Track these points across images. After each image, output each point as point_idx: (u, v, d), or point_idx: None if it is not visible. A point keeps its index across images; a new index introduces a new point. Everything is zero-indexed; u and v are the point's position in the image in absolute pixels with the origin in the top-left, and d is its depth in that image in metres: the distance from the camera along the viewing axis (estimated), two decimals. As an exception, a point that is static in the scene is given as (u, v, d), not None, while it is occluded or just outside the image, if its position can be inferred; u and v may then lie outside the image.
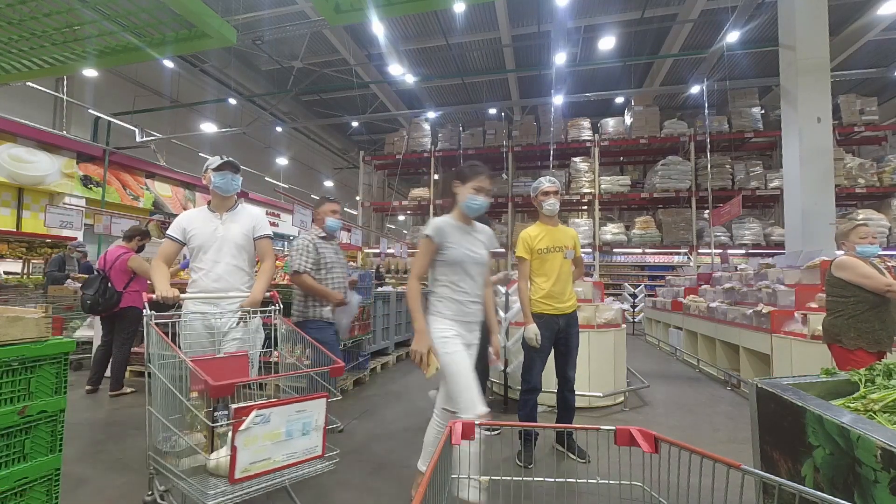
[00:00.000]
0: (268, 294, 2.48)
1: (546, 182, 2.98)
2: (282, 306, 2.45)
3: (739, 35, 8.67)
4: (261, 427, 1.46)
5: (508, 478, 1.44)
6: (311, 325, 3.03)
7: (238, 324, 2.37)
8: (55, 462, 1.60)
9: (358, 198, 15.79)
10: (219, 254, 2.47)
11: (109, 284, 4.17)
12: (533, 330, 2.82)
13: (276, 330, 2.46)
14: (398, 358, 6.28)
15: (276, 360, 2.56)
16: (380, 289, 6.40)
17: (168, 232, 2.51)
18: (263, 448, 1.48)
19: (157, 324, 2.02)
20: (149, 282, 5.06)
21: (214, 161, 2.51)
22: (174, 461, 1.86)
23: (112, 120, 11.26)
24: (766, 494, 0.80)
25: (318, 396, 1.67)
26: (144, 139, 11.57)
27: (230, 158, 2.51)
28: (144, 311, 2.07)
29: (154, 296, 2.21)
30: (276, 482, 1.66)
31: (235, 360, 2.15)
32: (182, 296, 2.34)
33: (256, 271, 2.65)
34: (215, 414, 1.84)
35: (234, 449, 1.43)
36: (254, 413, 1.45)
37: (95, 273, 4.30)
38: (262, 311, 2.43)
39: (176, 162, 13.21)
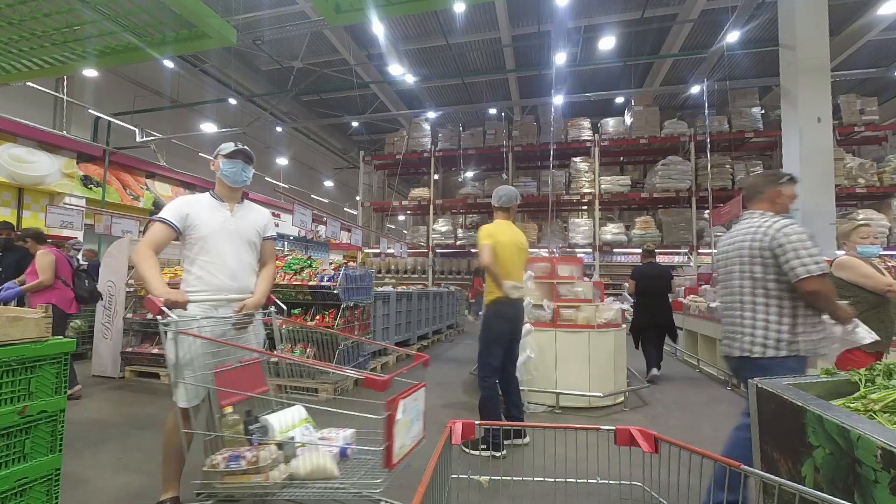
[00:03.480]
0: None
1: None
2: (284, 308, 2.39)
3: (739, 35, 8.67)
4: (401, 415, 1.59)
5: (508, 478, 1.44)
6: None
7: (246, 327, 2.19)
8: (55, 462, 1.60)
9: (358, 198, 15.80)
10: (231, 248, 2.18)
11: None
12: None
13: (275, 331, 2.41)
14: (398, 358, 6.28)
15: (274, 360, 2.53)
16: (380, 289, 6.41)
17: (162, 215, 2.09)
18: (400, 434, 1.61)
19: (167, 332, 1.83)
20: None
21: (227, 147, 2.23)
22: (252, 478, 1.68)
23: (112, 120, 11.27)
24: (766, 494, 0.80)
25: (422, 385, 1.79)
26: (144, 139, 11.58)
27: (244, 147, 2.25)
28: (166, 317, 1.81)
29: (160, 299, 1.83)
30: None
31: (252, 368, 2.04)
32: (195, 299, 2.05)
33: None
34: (249, 428, 1.79)
35: (391, 437, 1.53)
36: (401, 403, 1.58)
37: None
38: (262, 313, 2.32)
39: (176, 162, 13.21)
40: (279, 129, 15.28)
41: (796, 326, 1.94)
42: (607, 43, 10.51)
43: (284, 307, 2.42)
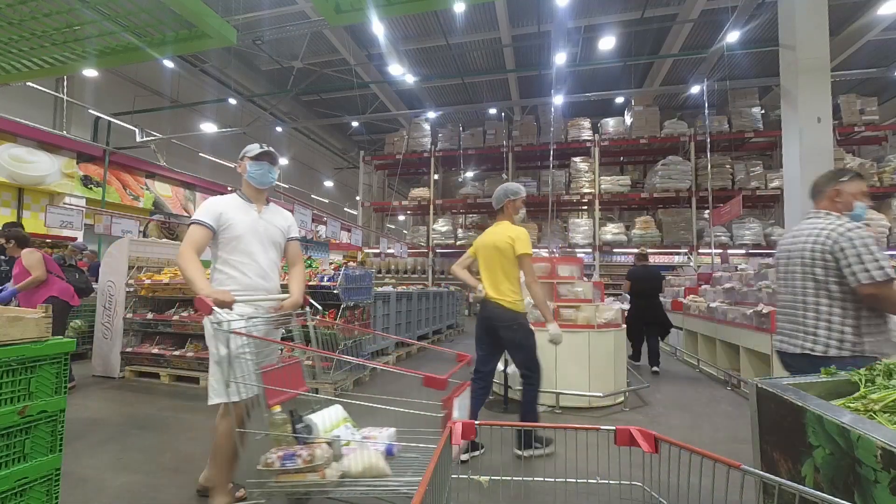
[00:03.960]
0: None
1: (524, 190, 3.12)
2: (319, 307, 2.37)
3: (739, 35, 8.67)
4: (456, 413, 1.64)
5: (508, 478, 1.44)
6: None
7: (279, 327, 2.21)
8: (55, 462, 1.60)
9: (358, 198, 15.80)
10: (260, 248, 2.21)
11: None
12: (558, 328, 2.91)
13: (311, 331, 2.32)
14: (398, 358, 6.28)
15: (309, 362, 2.47)
16: (380, 289, 6.41)
17: (198, 217, 2.12)
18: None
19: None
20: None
21: (253, 149, 2.25)
22: (307, 476, 1.67)
23: (112, 120, 11.27)
24: (766, 494, 0.80)
25: (467, 385, 1.82)
26: (144, 139, 11.58)
27: (270, 148, 2.27)
28: (217, 316, 1.82)
29: (209, 299, 1.85)
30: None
31: (293, 368, 2.03)
32: (242, 298, 2.05)
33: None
34: (296, 427, 1.79)
35: (451, 413, 1.57)
36: (455, 401, 1.63)
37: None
38: (298, 314, 2.28)
39: (176, 162, 13.21)
40: (279, 129, 15.28)
41: (860, 328, 1.90)
42: (607, 43, 10.51)
43: (319, 307, 2.40)
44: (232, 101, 12.53)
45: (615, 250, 12.58)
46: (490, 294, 2.95)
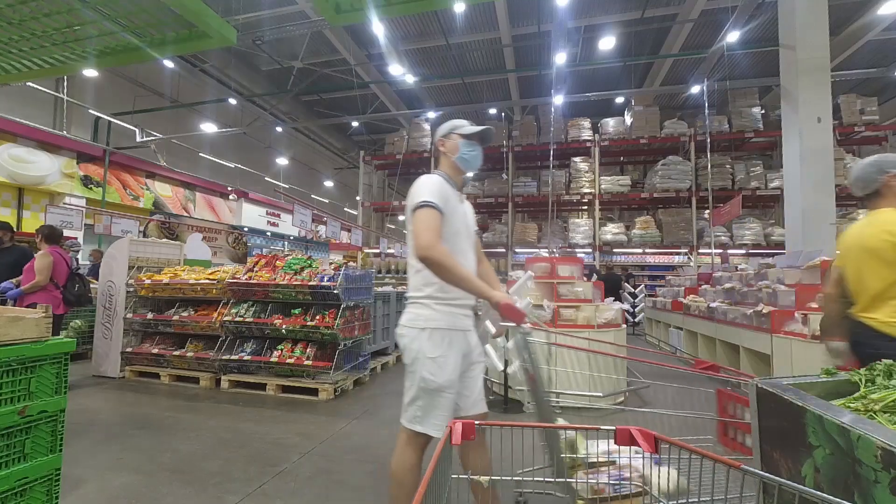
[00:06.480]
0: None
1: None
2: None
3: (739, 35, 8.67)
4: None
5: (508, 478, 1.44)
6: None
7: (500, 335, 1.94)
8: (55, 462, 1.60)
9: (358, 198, 15.79)
10: (468, 245, 1.87)
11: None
12: None
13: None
14: (398, 358, 6.28)
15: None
16: (380, 289, 6.41)
17: (430, 200, 1.68)
18: None
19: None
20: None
21: (463, 124, 1.87)
22: (641, 500, 1.50)
23: (112, 120, 11.27)
24: (766, 494, 0.80)
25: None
26: (144, 139, 11.59)
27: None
28: (521, 328, 1.65)
29: (503, 302, 1.62)
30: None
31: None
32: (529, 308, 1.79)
33: None
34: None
35: None
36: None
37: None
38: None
39: (176, 162, 13.21)
40: (279, 129, 15.28)
41: None
42: (607, 43, 10.51)
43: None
44: (232, 101, 12.53)
45: (615, 250, 12.57)
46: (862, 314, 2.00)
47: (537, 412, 1.80)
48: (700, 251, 11.56)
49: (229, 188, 15.11)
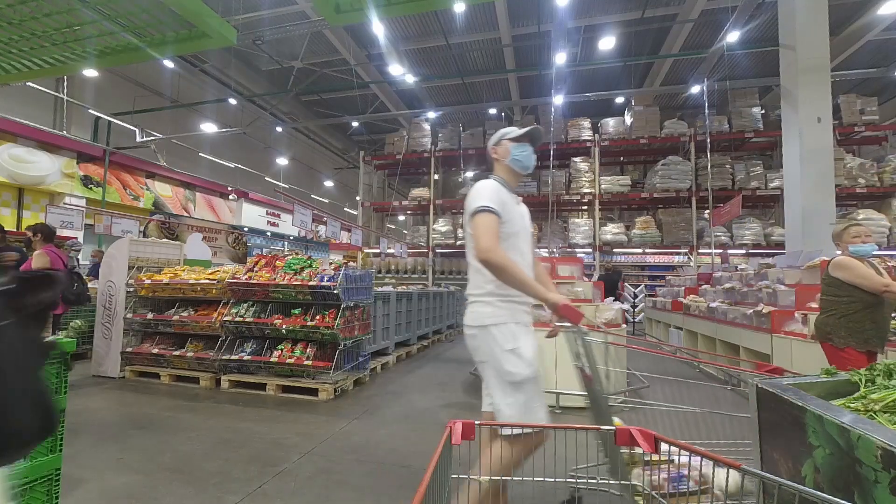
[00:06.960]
0: None
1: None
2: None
3: (739, 35, 8.67)
4: None
5: (508, 478, 1.44)
6: None
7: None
8: (55, 462, 1.60)
9: (358, 198, 15.78)
10: (528, 247, 1.89)
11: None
12: None
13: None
14: (398, 358, 6.28)
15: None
16: (380, 289, 6.41)
17: (489, 205, 1.74)
18: None
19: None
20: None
21: (512, 131, 1.94)
22: (700, 499, 1.46)
23: (112, 120, 11.27)
24: (766, 494, 0.80)
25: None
26: (144, 139, 11.58)
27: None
28: (579, 328, 1.67)
29: (561, 303, 1.66)
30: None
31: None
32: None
33: None
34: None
35: None
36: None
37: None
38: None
39: (176, 162, 13.21)
40: (279, 129, 15.28)
41: None
42: (607, 43, 10.51)
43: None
44: (232, 101, 12.53)
45: (615, 250, 12.57)
46: None
47: (593, 413, 1.81)
48: (700, 251, 11.56)
49: (229, 188, 15.11)
